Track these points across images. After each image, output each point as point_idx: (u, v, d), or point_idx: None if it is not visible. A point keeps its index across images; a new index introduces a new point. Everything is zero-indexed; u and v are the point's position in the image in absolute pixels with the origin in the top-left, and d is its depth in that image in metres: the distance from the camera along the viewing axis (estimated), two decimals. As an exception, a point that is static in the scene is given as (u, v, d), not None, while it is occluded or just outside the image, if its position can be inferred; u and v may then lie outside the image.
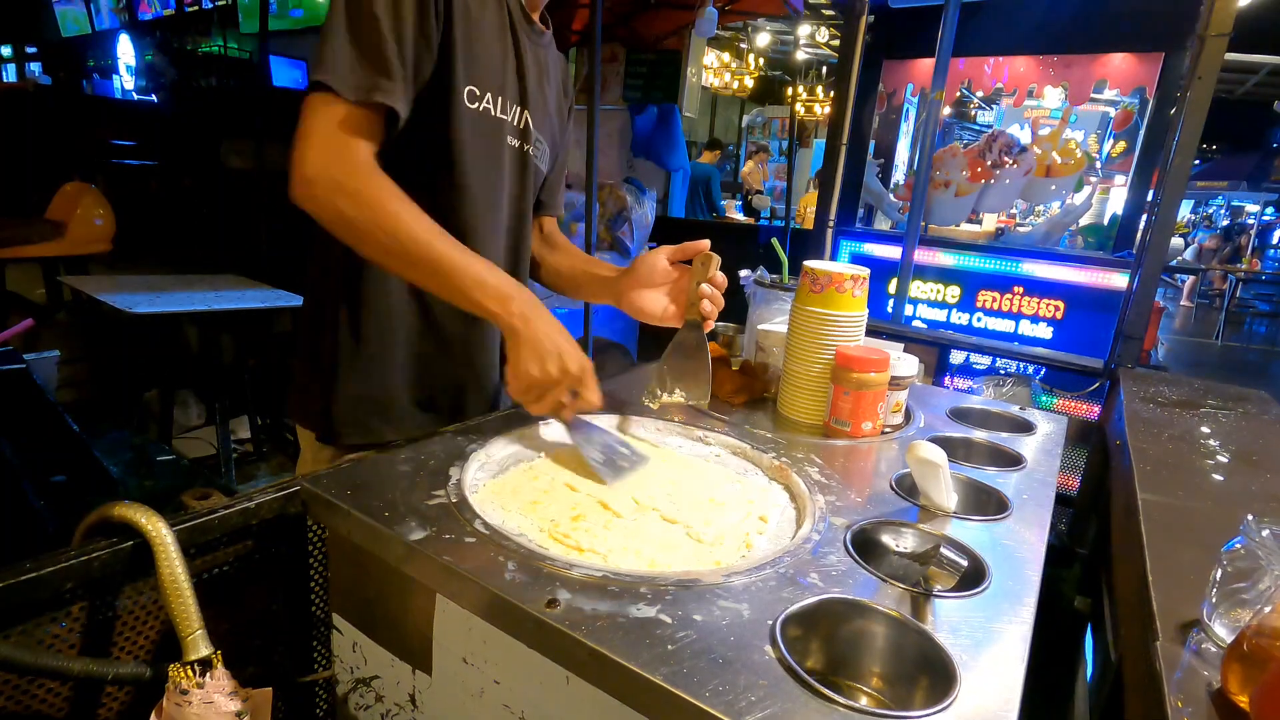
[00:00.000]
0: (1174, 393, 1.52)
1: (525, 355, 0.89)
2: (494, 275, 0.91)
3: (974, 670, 0.57)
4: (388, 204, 0.87)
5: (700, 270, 1.06)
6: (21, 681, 0.64)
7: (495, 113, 1.04)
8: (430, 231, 0.89)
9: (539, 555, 0.69)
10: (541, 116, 1.14)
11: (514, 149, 1.10)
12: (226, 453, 2.98)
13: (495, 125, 1.05)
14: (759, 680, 0.53)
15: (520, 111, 1.09)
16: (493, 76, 1.02)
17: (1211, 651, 0.61)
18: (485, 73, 1.01)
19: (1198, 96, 1.60)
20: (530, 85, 1.09)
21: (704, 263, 1.06)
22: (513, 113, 1.08)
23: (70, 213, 3.87)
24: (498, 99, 1.04)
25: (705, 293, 1.06)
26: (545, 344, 0.90)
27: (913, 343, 1.44)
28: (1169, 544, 0.80)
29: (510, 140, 1.09)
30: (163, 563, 0.67)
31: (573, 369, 0.92)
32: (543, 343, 0.89)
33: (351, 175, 0.87)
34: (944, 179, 3.77)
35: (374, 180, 0.88)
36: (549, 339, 0.90)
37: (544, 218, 1.30)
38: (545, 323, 0.91)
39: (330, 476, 0.81)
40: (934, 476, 0.82)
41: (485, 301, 0.89)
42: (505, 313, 0.89)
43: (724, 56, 10.67)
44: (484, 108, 1.02)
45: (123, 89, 9.71)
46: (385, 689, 0.80)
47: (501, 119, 1.05)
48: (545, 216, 1.30)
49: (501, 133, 1.06)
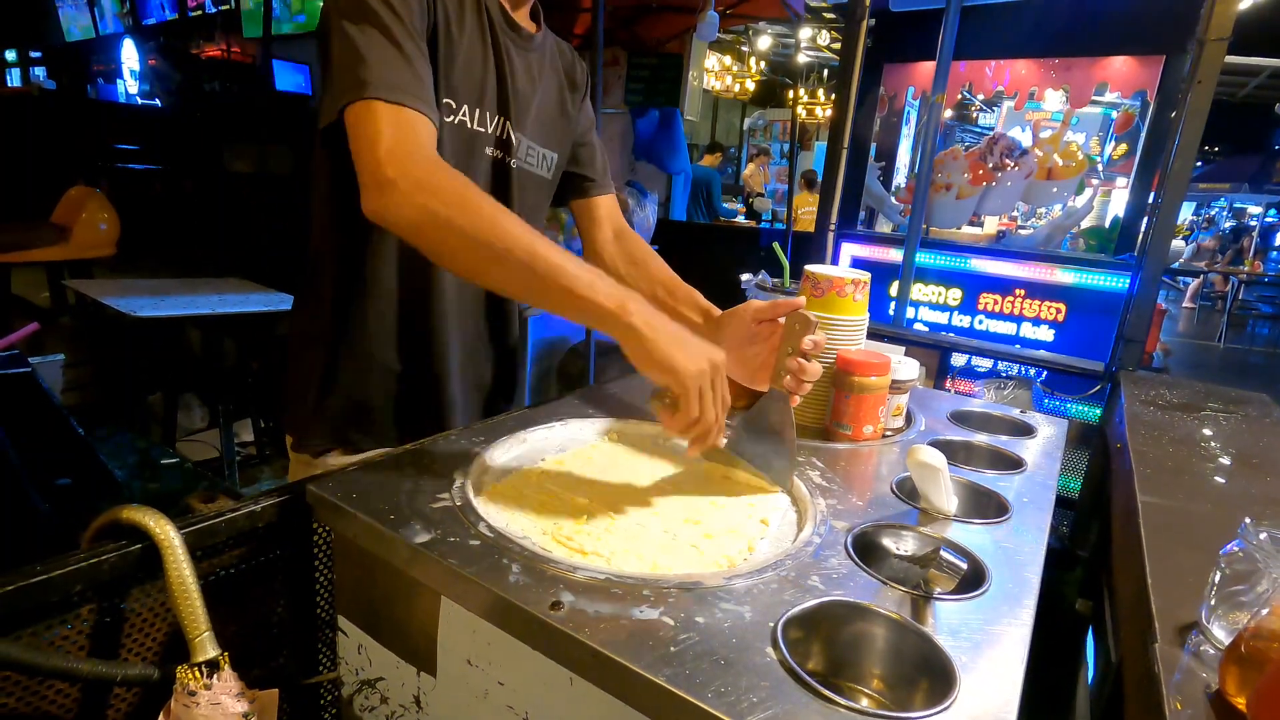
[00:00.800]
0: (1175, 396, 1.52)
1: (676, 353, 0.79)
2: (603, 280, 0.81)
3: (973, 672, 0.57)
4: (478, 201, 0.82)
5: (792, 335, 0.92)
6: (31, 683, 0.65)
7: (471, 125, 1.02)
8: (527, 230, 0.81)
9: (542, 558, 0.69)
10: (532, 122, 1.12)
11: (493, 159, 1.08)
12: (230, 455, 2.99)
13: (471, 137, 1.03)
14: (761, 682, 0.54)
15: (501, 121, 1.07)
16: (470, 88, 1.01)
17: (1210, 654, 0.61)
18: (462, 84, 1.00)
19: (1197, 101, 1.60)
20: (516, 92, 1.07)
21: (796, 326, 0.92)
22: (492, 124, 1.05)
23: (75, 217, 3.88)
24: (475, 110, 1.02)
25: (792, 367, 0.92)
26: (677, 334, 0.81)
27: (914, 346, 1.45)
28: (1168, 547, 0.81)
29: (489, 151, 1.07)
30: (171, 565, 0.68)
31: (718, 359, 0.82)
32: (675, 334, 0.80)
33: (434, 172, 0.82)
34: (945, 182, 3.77)
35: (457, 177, 0.83)
36: (678, 337, 0.80)
37: (595, 198, 1.24)
38: (667, 323, 0.81)
39: (336, 480, 0.82)
40: (934, 480, 0.82)
41: (599, 300, 0.79)
42: (623, 312, 0.79)
43: (725, 59, 10.70)
44: (459, 120, 1.01)
45: (127, 93, 9.75)
46: (390, 691, 0.81)
47: (478, 131, 1.04)
48: (596, 197, 1.25)
49: (478, 145, 1.04)
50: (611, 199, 1.28)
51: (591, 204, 1.27)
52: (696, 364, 0.79)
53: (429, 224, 0.81)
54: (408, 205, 0.81)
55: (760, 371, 1.01)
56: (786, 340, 0.93)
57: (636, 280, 1.19)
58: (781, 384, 0.93)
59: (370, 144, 0.83)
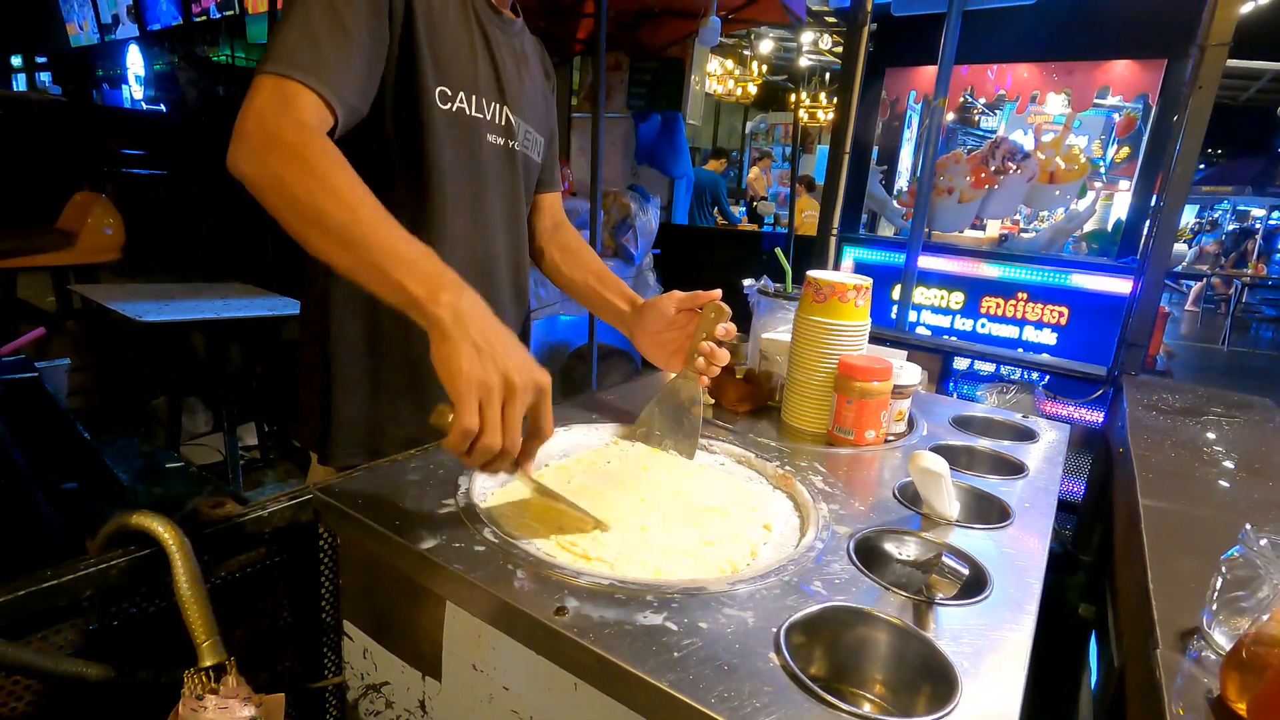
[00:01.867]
0: (1177, 400, 1.52)
1: (460, 351, 0.68)
2: (427, 260, 0.73)
3: (975, 677, 0.58)
4: (316, 162, 0.76)
5: (707, 322, 1.04)
6: (42, 687, 0.66)
7: (470, 111, 1.03)
8: (362, 195, 0.75)
9: (547, 564, 0.70)
10: (525, 107, 1.13)
11: (499, 147, 1.08)
12: (234, 460, 3.00)
13: (472, 125, 1.03)
14: (764, 687, 0.54)
15: (499, 108, 1.07)
16: (463, 75, 1.01)
17: (1211, 659, 0.61)
18: (455, 72, 1.00)
19: (1199, 106, 1.61)
20: (508, 78, 1.08)
21: (712, 315, 1.04)
22: (491, 109, 1.06)
23: (81, 222, 3.90)
24: (472, 97, 1.02)
25: (704, 349, 1.03)
26: (481, 343, 0.68)
27: (915, 350, 1.45)
28: (1171, 552, 0.81)
29: (492, 138, 1.07)
30: (179, 571, 0.68)
31: (516, 379, 0.69)
32: (478, 341, 0.68)
33: (290, 130, 0.79)
34: (947, 185, 3.78)
35: (316, 140, 0.79)
36: (484, 339, 0.69)
37: (544, 195, 1.26)
38: (484, 322, 0.71)
39: (342, 486, 0.83)
40: (936, 486, 0.83)
41: (407, 283, 0.70)
42: (430, 300, 0.69)
43: (727, 64, 10.71)
44: (457, 108, 1.01)
45: (132, 98, 9.80)
46: (395, 695, 0.81)
47: (478, 118, 1.04)
48: (545, 193, 1.27)
49: (480, 132, 1.05)
50: (556, 195, 1.31)
51: (539, 198, 1.28)
52: (483, 372, 0.67)
53: (264, 179, 0.77)
54: (250, 159, 0.78)
55: (675, 355, 1.09)
56: (702, 326, 1.04)
57: (570, 268, 1.24)
58: (694, 366, 1.04)
59: (245, 106, 0.81)
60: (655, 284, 4.92)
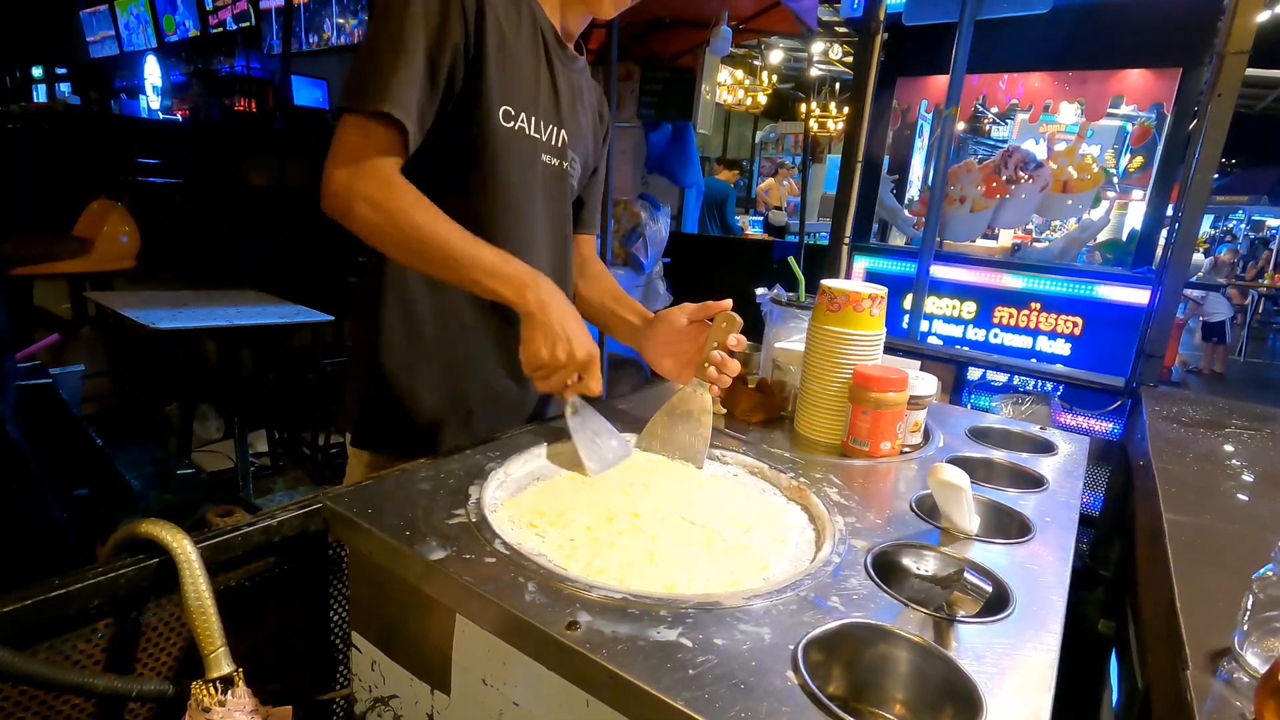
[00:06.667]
0: (1197, 412, 1.50)
1: (538, 338, 0.95)
2: (510, 264, 0.96)
3: (999, 699, 0.56)
4: (404, 205, 0.93)
5: (719, 332, 1.05)
6: (49, 697, 0.65)
7: (529, 131, 1.07)
8: (446, 226, 0.94)
9: (559, 576, 0.69)
10: (576, 137, 1.17)
11: (552, 167, 1.12)
12: (245, 467, 3.01)
13: (530, 144, 1.07)
14: (781, 707, 0.53)
15: (557, 131, 1.11)
16: (526, 97, 1.05)
17: (1244, 682, 0.59)
18: (519, 93, 1.04)
19: (1218, 114, 1.59)
20: (564, 106, 1.12)
21: (723, 325, 1.05)
22: (548, 131, 1.10)
23: (97, 230, 3.94)
24: (532, 118, 1.06)
25: (715, 359, 1.05)
26: (557, 329, 0.95)
27: (929, 360, 1.43)
28: (1197, 568, 0.79)
29: (547, 159, 1.11)
30: (187, 581, 0.68)
31: (579, 355, 0.97)
32: (554, 328, 0.95)
33: (370, 183, 0.93)
34: (959, 194, 3.76)
35: (394, 187, 0.94)
36: (561, 325, 0.95)
37: (580, 235, 1.31)
38: (560, 310, 0.96)
39: (351, 495, 0.82)
40: (956, 499, 0.81)
41: (501, 289, 0.94)
42: (521, 300, 0.95)
43: (738, 73, 10.75)
44: (519, 126, 1.05)
45: (149, 108, 9.94)
46: (403, 708, 0.80)
47: (535, 138, 1.08)
48: (582, 234, 1.32)
49: (536, 151, 1.09)
50: (591, 238, 1.37)
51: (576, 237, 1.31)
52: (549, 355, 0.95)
53: (364, 229, 0.94)
54: (347, 213, 0.94)
55: (687, 367, 1.12)
56: (713, 336, 1.06)
57: (591, 292, 1.32)
58: (705, 375, 1.06)
59: (330, 156, 0.94)
60: (665, 292, 4.92)
